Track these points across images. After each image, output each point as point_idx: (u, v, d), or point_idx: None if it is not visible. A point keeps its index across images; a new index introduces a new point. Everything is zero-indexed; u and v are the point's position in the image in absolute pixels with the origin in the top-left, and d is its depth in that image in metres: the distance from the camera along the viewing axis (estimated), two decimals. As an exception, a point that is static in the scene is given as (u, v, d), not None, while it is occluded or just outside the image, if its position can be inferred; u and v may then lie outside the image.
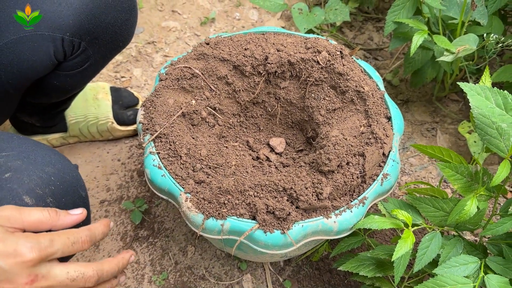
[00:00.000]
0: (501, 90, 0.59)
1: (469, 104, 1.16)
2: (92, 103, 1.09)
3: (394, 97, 1.25)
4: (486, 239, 0.74)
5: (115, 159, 1.11)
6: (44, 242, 0.46)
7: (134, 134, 1.15)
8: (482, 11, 0.97)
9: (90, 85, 1.12)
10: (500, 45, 0.97)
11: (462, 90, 1.27)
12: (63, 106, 1.04)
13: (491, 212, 0.70)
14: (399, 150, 0.80)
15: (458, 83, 0.61)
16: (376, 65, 1.33)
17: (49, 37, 0.73)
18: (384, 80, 1.29)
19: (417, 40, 0.94)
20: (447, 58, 0.94)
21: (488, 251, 0.75)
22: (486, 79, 0.64)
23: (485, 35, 0.96)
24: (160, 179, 0.71)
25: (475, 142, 1.07)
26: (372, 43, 1.39)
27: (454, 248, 0.72)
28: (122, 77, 1.29)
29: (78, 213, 0.53)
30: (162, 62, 1.34)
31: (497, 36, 0.97)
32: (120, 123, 1.11)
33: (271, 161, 0.86)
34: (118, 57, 1.34)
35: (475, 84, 1.07)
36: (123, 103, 1.12)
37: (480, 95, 0.59)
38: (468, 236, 0.97)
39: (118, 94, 1.13)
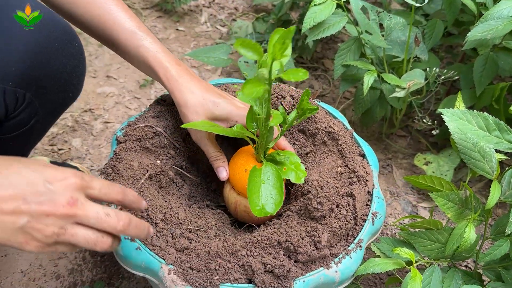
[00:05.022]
0: (481, 112, 0.60)
1: (441, 131, 1.15)
2: (31, 180, 0.96)
3: (346, 139, 1.26)
4: (480, 266, 0.72)
5: (62, 240, 0.98)
6: (86, 176, 0.51)
7: (82, 209, 1.03)
8: (422, 47, 1.02)
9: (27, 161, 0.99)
10: (443, 77, 1.03)
11: (407, 126, 1.33)
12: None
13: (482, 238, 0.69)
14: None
15: (438, 109, 0.61)
16: (322, 111, 1.35)
17: None
18: (333, 123, 1.30)
19: (368, 79, 0.96)
20: (399, 94, 0.96)
21: (483, 278, 0.74)
22: (460, 104, 0.65)
23: (427, 69, 1.01)
24: (134, 254, 0.62)
25: (433, 172, 1.10)
26: (313, 91, 1.42)
27: (453, 280, 0.69)
28: (60, 149, 1.18)
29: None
30: (103, 129, 1.25)
31: (439, 69, 1.02)
32: (65, 199, 0.99)
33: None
34: (52, 129, 1.23)
35: (424, 116, 1.11)
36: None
37: (462, 119, 0.60)
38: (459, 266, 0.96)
39: (61, 168, 1.01)
